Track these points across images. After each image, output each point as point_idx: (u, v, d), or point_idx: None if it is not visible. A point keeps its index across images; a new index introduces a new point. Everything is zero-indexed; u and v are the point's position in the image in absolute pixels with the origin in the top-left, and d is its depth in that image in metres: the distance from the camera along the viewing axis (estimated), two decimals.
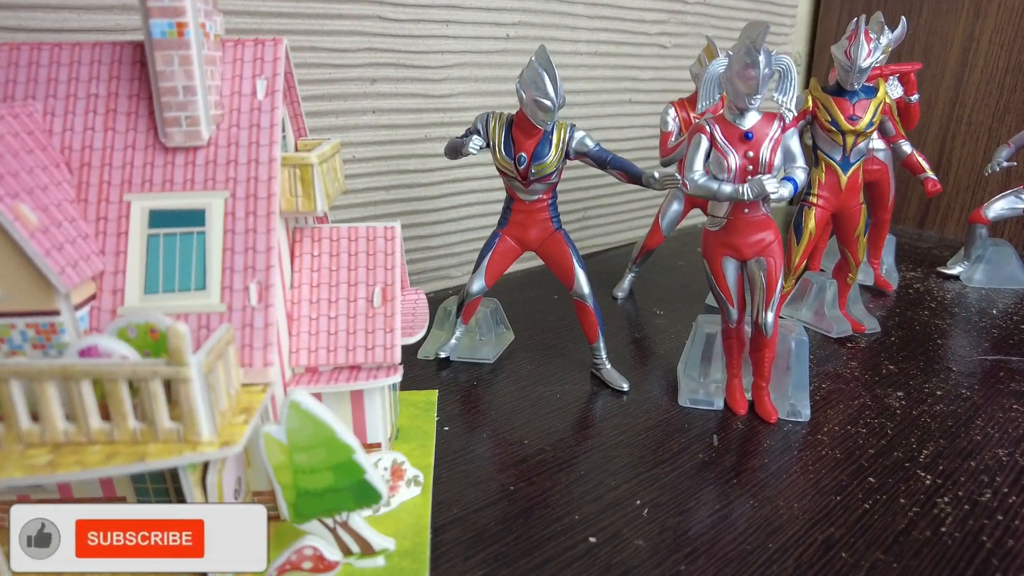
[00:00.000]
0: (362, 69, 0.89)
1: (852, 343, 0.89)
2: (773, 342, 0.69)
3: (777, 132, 0.63)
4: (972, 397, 0.76)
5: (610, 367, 0.78)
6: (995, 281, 1.09)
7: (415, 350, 0.85)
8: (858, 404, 0.74)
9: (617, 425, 0.70)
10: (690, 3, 1.26)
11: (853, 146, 0.79)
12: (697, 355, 0.74)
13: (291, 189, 0.54)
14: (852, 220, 0.83)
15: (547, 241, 0.76)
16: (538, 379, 0.79)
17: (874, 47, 0.74)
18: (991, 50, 1.24)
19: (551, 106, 0.66)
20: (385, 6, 0.89)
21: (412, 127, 0.95)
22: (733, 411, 0.72)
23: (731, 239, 0.66)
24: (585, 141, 0.70)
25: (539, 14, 1.04)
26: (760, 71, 0.59)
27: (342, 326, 0.57)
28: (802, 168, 0.64)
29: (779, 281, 0.66)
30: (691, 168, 0.64)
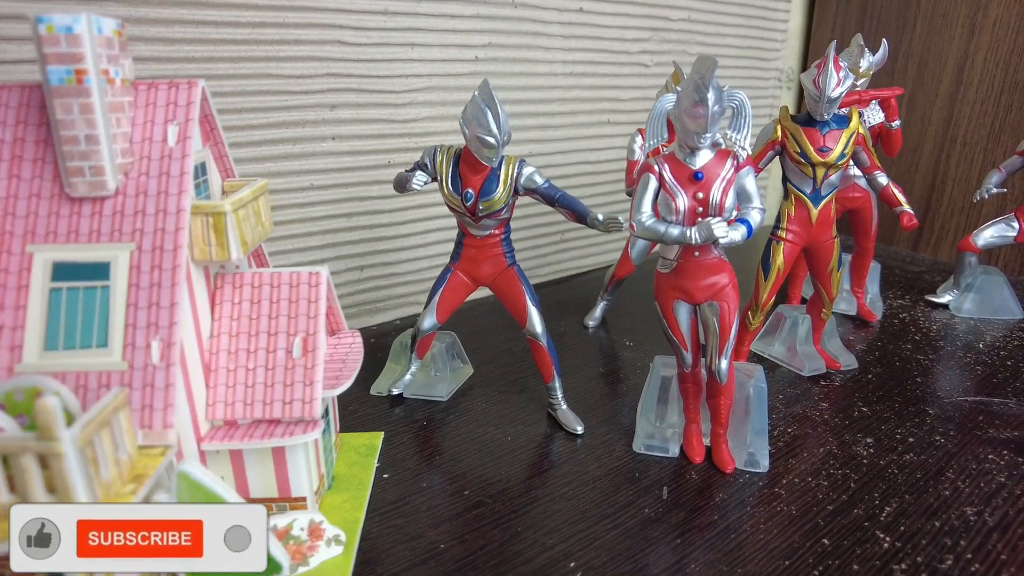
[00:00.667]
0: (321, 95, 0.87)
1: (826, 381, 0.85)
2: (729, 389, 0.66)
3: (730, 172, 0.59)
4: (946, 445, 0.72)
5: (566, 408, 0.75)
6: (985, 311, 1.05)
7: (368, 386, 0.82)
8: (823, 452, 0.71)
9: (565, 474, 0.67)
10: (674, 20, 1.22)
11: (824, 178, 0.75)
12: (652, 399, 0.71)
13: (204, 237, 0.52)
14: (824, 255, 0.79)
15: (500, 277, 0.73)
16: (492, 419, 0.76)
17: (844, 76, 0.71)
18: (986, 68, 1.19)
19: (495, 143, 0.64)
20: (345, 30, 0.87)
21: (375, 153, 0.93)
22: (689, 459, 0.69)
23: (682, 282, 0.63)
24: (534, 177, 0.67)
25: (510, 35, 1.02)
26: (709, 109, 0.56)
27: (260, 378, 0.55)
28: (758, 209, 0.60)
29: (733, 326, 0.63)
30: (639, 209, 0.61)
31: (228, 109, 0.81)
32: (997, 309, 1.04)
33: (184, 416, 0.51)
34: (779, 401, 0.80)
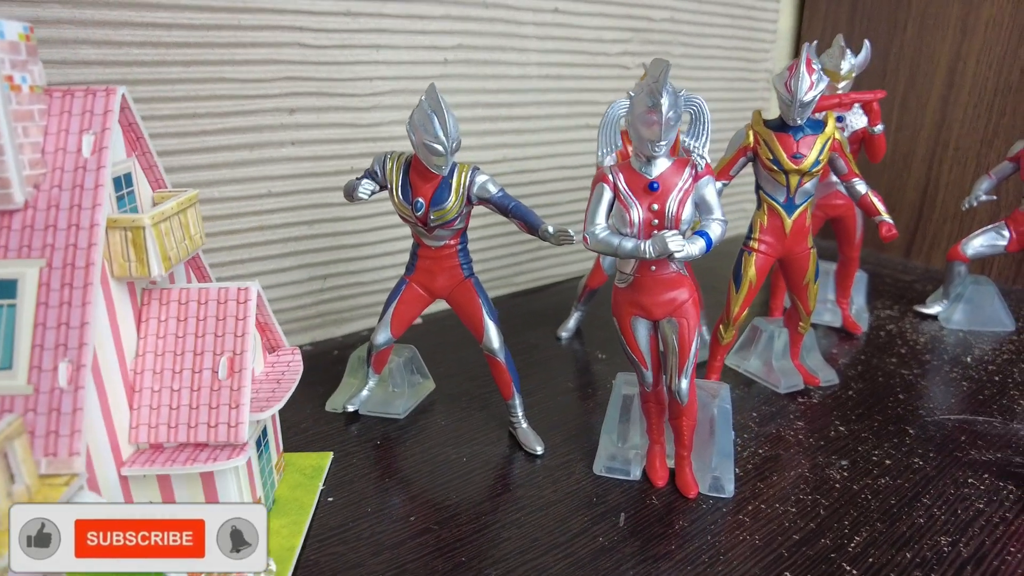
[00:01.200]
0: (279, 99, 0.84)
1: (804, 398, 0.82)
2: (691, 410, 0.62)
3: (687, 182, 0.56)
4: (924, 468, 0.68)
5: (526, 427, 0.72)
6: (975, 323, 1.01)
7: (324, 402, 0.79)
8: (794, 476, 0.67)
9: (520, 498, 0.64)
10: (656, 20, 1.19)
11: (798, 187, 0.71)
12: (615, 418, 0.68)
13: (123, 253, 0.49)
14: (800, 266, 0.76)
15: (456, 290, 0.70)
16: (449, 439, 0.73)
17: (818, 79, 0.67)
18: (978, 70, 1.15)
19: (442, 150, 0.61)
20: (305, 32, 0.84)
21: (337, 158, 0.90)
22: (651, 482, 0.65)
23: (639, 298, 0.59)
24: (487, 186, 0.64)
25: (481, 36, 0.99)
26: (663, 115, 0.53)
27: (185, 400, 0.52)
28: (719, 221, 0.57)
29: (694, 344, 0.59)
30: (592, 221, 0.58)
31: (181, 114, 0.78)
32: (987, 320, 1.01)
33: (101, 441, 0.48)
34: (752, 420, 0.77)
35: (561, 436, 0.73)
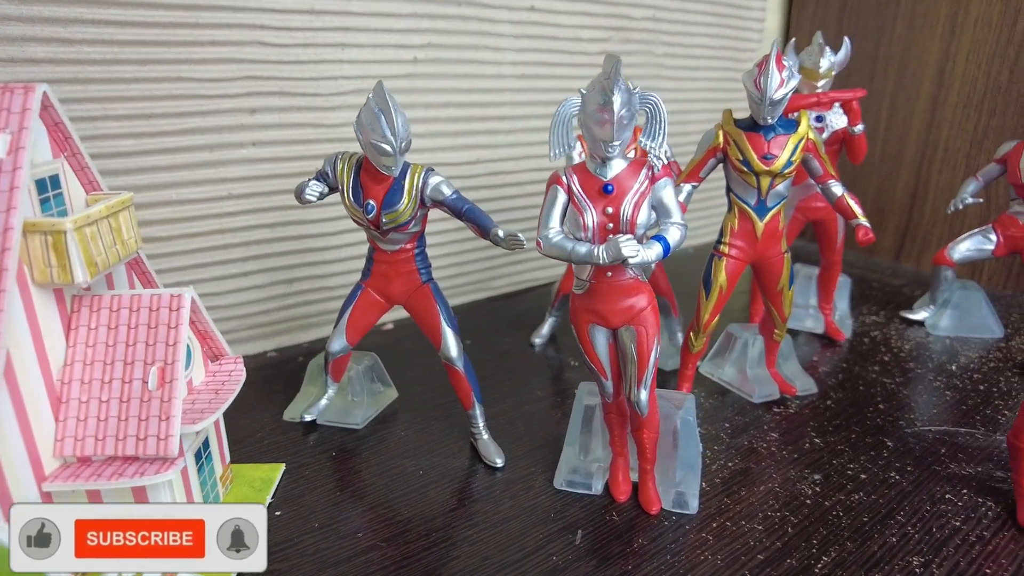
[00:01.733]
0: (240, 99, 0.82)
1: (780, 408, 0.79)
2: (652, 422, 0.59)
3: (643, 184, 0.54)
4: (900, 483, 0.65)
5: (487, 438, 0.69)
6: (962, 329, 0.98)
7: (284, 410, 0.77)
8: (764, 491, 0.64)
9: (474, 513, 0.61)
10: (637, 19, 1.16)
11: (769, 188, 0.69)
12: (576, 430, 0.65)
13: (44, 258, 0.47)
14: (773, 272, 0.73)
15: (413, 295, 0.68)
16: (408, 450, 0.70)
17: (789, 76, 0.64)
18: (967, 70, 1.12)
19: (391, 150, 0.58)
20: (267, 31, 0.82)
21: (300, 159, 0.87)
22: (613, 497, 0.63)
23: (596, 305, 0.57)
24: (441, 188, 0.62)
25: (453, 34, 0.96)
26: (615, 113, 0.50)
27: (113, 411, 0.50)
28: (678, 225, 0.54)
29: (652, 353, 0.57)
30: (546, 225, 0.55)
31: (137, 115, 0.76)
32: (975, 327, 0.97)
33: (18, 454, 0.46)
34: (724, 431, 0.74)
35: (525, 447, 0.71)
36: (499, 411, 0.77)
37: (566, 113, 0.53)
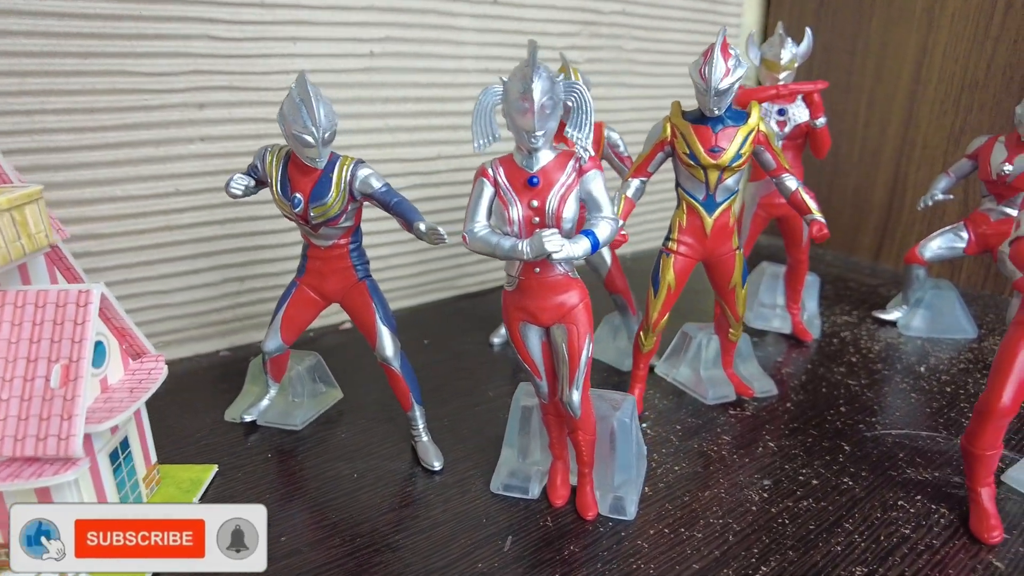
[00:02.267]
0: (187, 94, 0.80)
1: (737, 410, 0.76)
2: (586, 424, 0.57)
3: (570, 177, 0.51)
4: (853, 489, 0.63)
5: (427, 440, 0.67)
6: (935, 330, 0.95)
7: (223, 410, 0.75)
8: (708, 497, 0.62)
9: (404, 518, 0.59)
10: (606, 13, 1.14)
11: (718, 183, 0.66)
12: (514, 431, 0.63)
13: None
14: (724, 269, 0.71)
15: (349, 293, 0.66)
16: (347, 452, 0.68)
17: (735, 64, 0.62)
18: (945, 64, 1.10)
19: (312, 141, 0.56)
20: (216, 24, 0.80)
21: (250, 155, 0.85)
22: (550, 502, 0.60)
23: (525, 302, 0.55)
24: (370, 180, 0.60)
25: (412, 28, 0.94)
26: (536, 102, 0.48)
27: (13, 410, 0.48)
28: (608, 219, 0.52)
29: (583, 352, 0.54)
30: (472, 218, 0.53)
31: (77, 109, 0.75)
32: (948, 327, 0.95)
33: None
34: (675, 433, 0.72)
35: (467, 450, 0.69)
36: (447, 412, 0.75)
37: (488, 102, 0.51)
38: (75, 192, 0.77)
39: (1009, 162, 0.82)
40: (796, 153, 0.86)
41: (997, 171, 0.84)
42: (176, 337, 0.88)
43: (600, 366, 0.87)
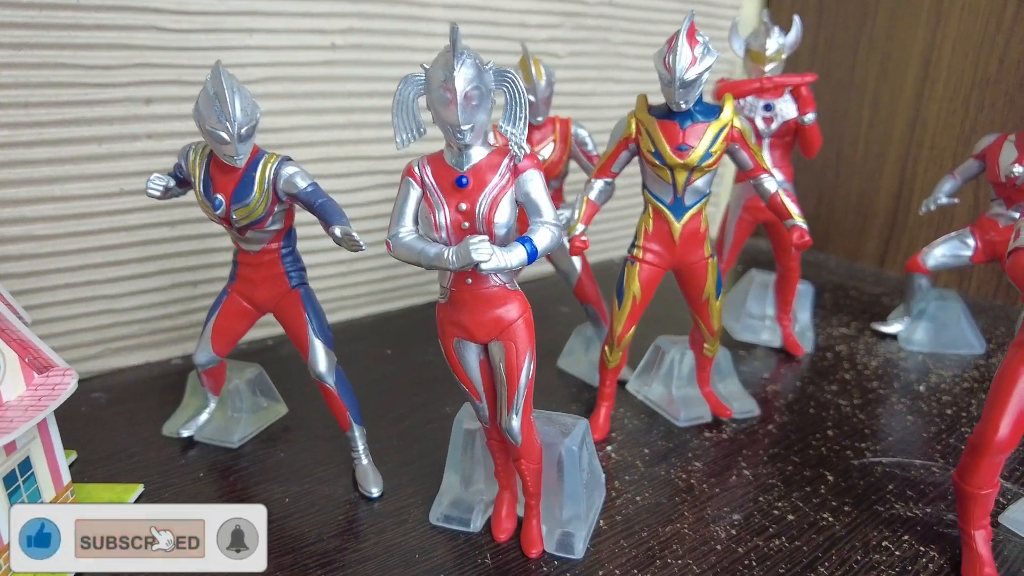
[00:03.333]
0: (132, 88, 0.76)
1: (713, 432, 0.70)
2: (529, 452, 0.51)
3: (504, 177, 0.46)
4: (833, 526, 0.56)
5: (366, 463, 0.62)
6: (939, 344, 0.88)
7: (162, 424, 0.70)
8: (670, 532, 0.56)
9: (329, 551, 0.53)
10: (591, 3, 1.08)
11: (686, 184, 0.60)
12: (456, 458, 0.57)
13: None
14: (696, 279, 0.64)
15: (281, 302, 0.61)
16: (282, 473, 0.63)
17: (703, 53, 0.56)
18: (954, 60, 1.02)
19: (227, 137, 0.51)
20: (163, 15, 0.76)
21: None
22: (493, 536, 0.55)
23: (458, 316, 0.49)
24: (295, 180, 0.55)
25: (378, 18, 0.89)
26: (458, 92, 0.42)
27: None
28: (548, 225, 0.46)
29: (523, 372, 0.49)
30: (397, 222, 0.48)
31: (10, 103, 0.70)
32: (953, 342, 0.87)
33: None
34: (642, 458, 0.66)
35: (412, 474, 0.63)
36: (398, 430, 0.70)
37: (409, 92, 0.46)
38: (11, 191, 0.73)
39: (1020, 163, 0.75)
40: (785, 152, 0.80)
41: (1006, 173, 0.76)
42: (126, 344, 0.84)
43: (571, 381, 0.81)
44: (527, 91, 0.70)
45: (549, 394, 0.78)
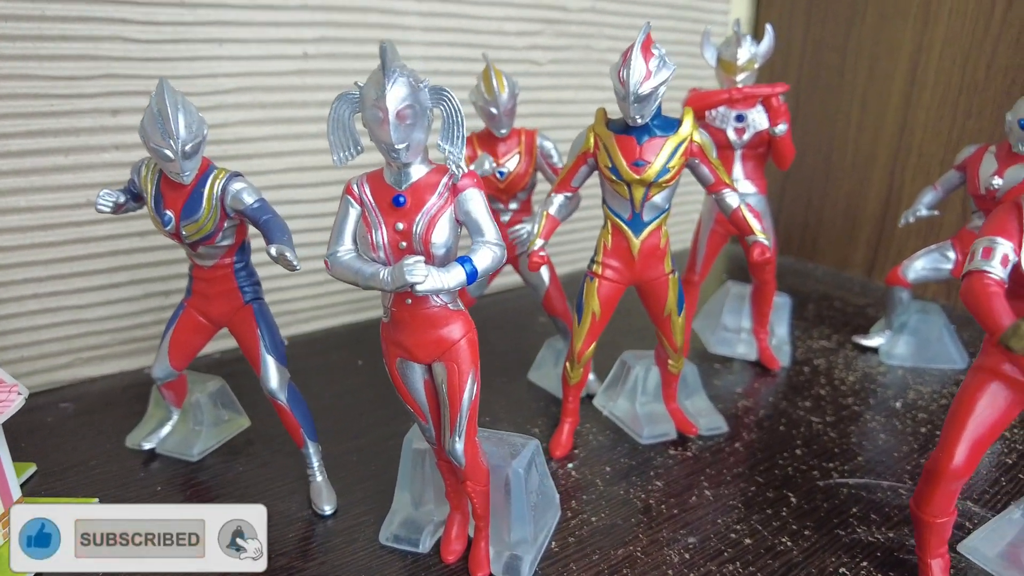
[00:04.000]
0: (100, 99, 0.76)
1: (678, 450, 0.69)
2: (475, 474, 0.51)
3: (443, 196, 0.45)
4: (791, 551, 0.55)
5: (321, 480, 0.61)
6: (920, 358, 0.86)
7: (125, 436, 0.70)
8: (621, 556, 0.55)
9: (275, 571, 0.53)
10: (574, 10, 1.07)
11: (644, 200, 0.59)
12: (406, 477, 0.57)
13: None
14: (656, 296, 0.63)
15: (235, 317, 0.60)
16: (238, 488, 0.63)
17: (659, 66, 0.55)
18: (942, 65, 1.00)
19: (172, 155, 0.51)
20: (130, 25, 0.76)
21: None
22: (441, 557, 0.54)
23: (399, 336, 0.48)
24: (242, 196, 0.54)
25: (351, 27, 0.89)
26: (390, 111, 0.42)
27: None
28: (489, 244, 0.45)
29: (466, 394, 0.48)
30: (336, 241, 0.47)
31: None
32: (934, 356, 0.85)
33: None
34: (602, 476, 0.65)
35: (368, 491, 0.63)
36: (358, 445, 0.70)
37: (344, 110, 0.45)
38: None
39: (999, 175, 0.73)
40: (758, 163, 0.78)
41: (986, 185, 0.74)
42: (97, 354, 0.84)
43: (541, 394, 0.80)
44: (488, 103, 0.71)
45: (518, 408, 0.77)
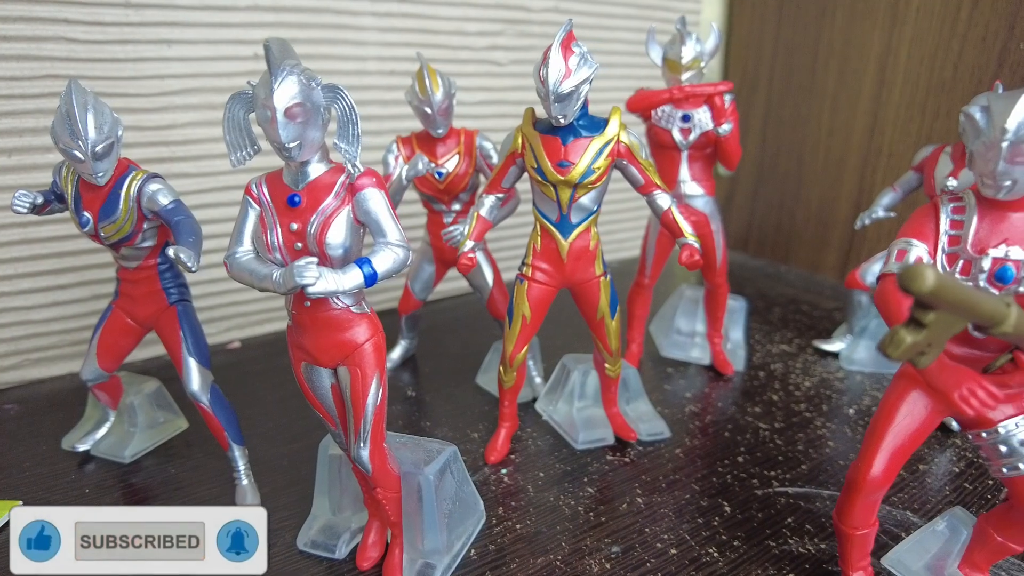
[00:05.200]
0: (44, 100, 0.76)
1: (616, 455, 0.68)
2: (384, 480, 0.50)
3: (339, 197, 0.44)
4: (716, 562, 0.54)
5: (246, 484, 0.61)
6: (880, 364, 0.84)
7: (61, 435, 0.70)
8: (541, 565, 0.53)
9: None
10: (535, 11, 1.06)
11: (571, 202, 0.58)
12: (324, 484, 0.56)
13: None
14: (589, 299, 0.62)
15: (160, 319, 0.60)
16: (166, 491, 0.62)
17: (579, 63, 0.54)
18: (910, 65, 0.98)
19: (81, 156, 0.50)
20: (73, 25, 0.76)
21: None
22: (357, 564, 0.53)
23: (301, 340, 0.47)
24: (157, 197, 0.54)
25: (303, 28, 0.88)
26: (278, 109, 0.41)
27: None
28: (391, 246, 0.45)
29: (370, 399, 0.47)
30: (236, 243, 0.46)
31: None
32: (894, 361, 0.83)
33: None
34: (535, 482, 0.63)
35: (294, 496, 0.62)
36: (291, 450, 0.69)
37: (238, 109, 0.44)
38: None
39: (954, 176, 0.71)
40: (706, 164, 0.76)
41: (941, 186, 0.72)
42: (45, 355, 0.84)
43: (487, 398, 0.79)
44: (422, 103, 0.70)
45: (461, 412, 0.76)
